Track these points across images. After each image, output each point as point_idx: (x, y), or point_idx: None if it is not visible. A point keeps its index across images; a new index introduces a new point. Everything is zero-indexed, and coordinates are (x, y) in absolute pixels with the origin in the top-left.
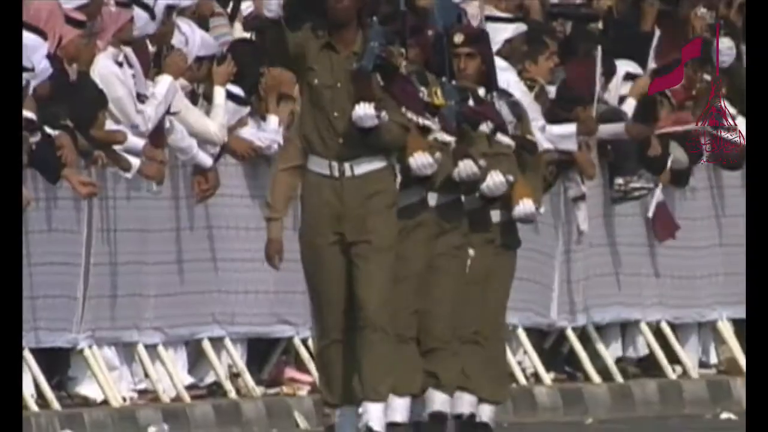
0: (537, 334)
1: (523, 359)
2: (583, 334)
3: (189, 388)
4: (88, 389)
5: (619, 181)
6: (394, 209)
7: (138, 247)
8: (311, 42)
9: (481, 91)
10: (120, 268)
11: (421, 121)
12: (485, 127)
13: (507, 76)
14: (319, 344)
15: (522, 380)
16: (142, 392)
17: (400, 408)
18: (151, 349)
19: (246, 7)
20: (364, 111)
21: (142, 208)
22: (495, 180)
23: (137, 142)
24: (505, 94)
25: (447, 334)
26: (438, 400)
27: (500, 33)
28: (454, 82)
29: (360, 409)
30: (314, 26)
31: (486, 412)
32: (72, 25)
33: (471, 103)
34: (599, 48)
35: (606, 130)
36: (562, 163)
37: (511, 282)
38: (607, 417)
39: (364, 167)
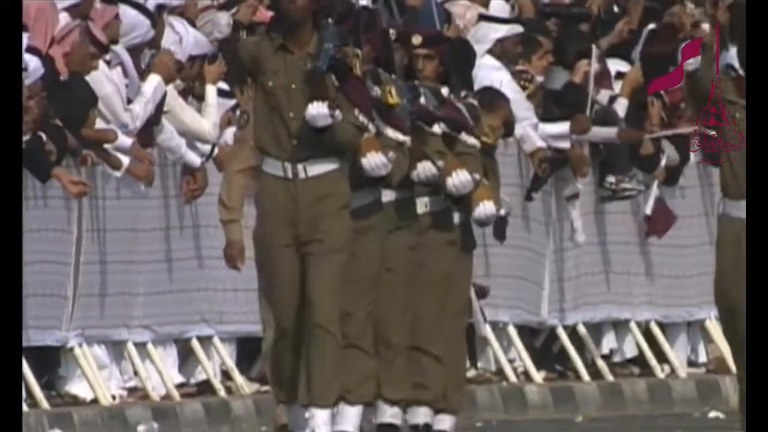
0: (527, 332)
1: (514, 357)
2: (573, 333)
3: (179, 386)
4: (77, 388)
5: (611, 179)
6: (347, 210)
7: (127, 246)
8: (266, 44)
9: (444, 91)
10: (110, 266)
11: (370, 126)
12: (438, 127)
13: (500, 76)
14: (268, 340)
15: (512, 378)
16: (131, 390)
17: (350, 417)
18: (140, 347)
19: (202, 23)
20: (318, 110)
21: (132, 207)
22: (461, 178)
23: (126, 140)
24: (464, 96)
25: (400, 338)
26: (389, 411)
27: (493, 32)
28: (416, 82)
29: (306, 414)
30: (269, 29)
31: (446, 422)
32: (95, 46)
33: (424, 102)
34: (594, 48)
35: (598, 133)
36: (555, 161)
37: (470, 284)
38: (597, 415)
39: (317, 169)
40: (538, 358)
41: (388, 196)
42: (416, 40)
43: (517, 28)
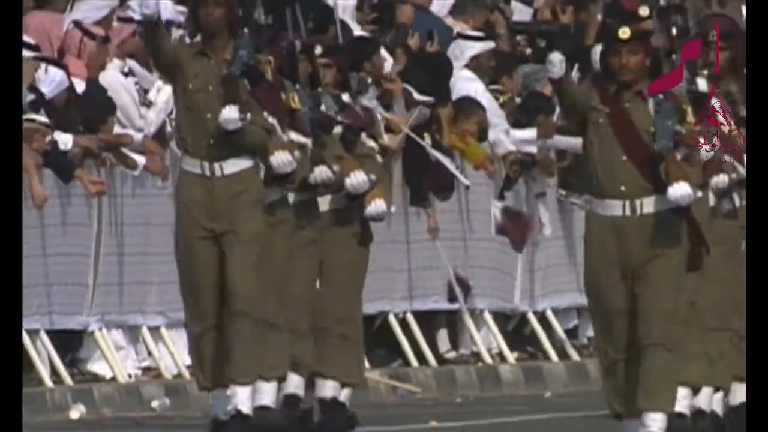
0: (501, 318)
1: (489, 340)
2: (543, 317)
3: (189, 366)
4: (97, 367)
5: (562, 192)
6: (260, 205)
7: (143, 240)
8: (185, 49)
9: (345, 97)
10: (126, 258)
11: (277, 127)
12: (338, 131)
13: (475, 86)
14: (193, 330)
15: (488, 359)
16: (146, 370)
17: (268, 392)
18: (154, 331)
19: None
20: (229, 114)
21: (147, 204)
22: (358, 179)
23: (139, 136)
24: (361, 101)
25: (306, 320)
26: (293, 383)
27: (468, 50)
28: (319, 89)
29: (229, 392)
30: (186, 35)
31: (344, 395)
32: (89, 38)
33: (325, 108)
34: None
35: (564, 141)
36: (525, 163)
37: (365, 274)
38: (563, 391)
39: (233, 167)
40: (511, 340)
41: (290, 197)
42: (318, 50)
43: (490, 44)
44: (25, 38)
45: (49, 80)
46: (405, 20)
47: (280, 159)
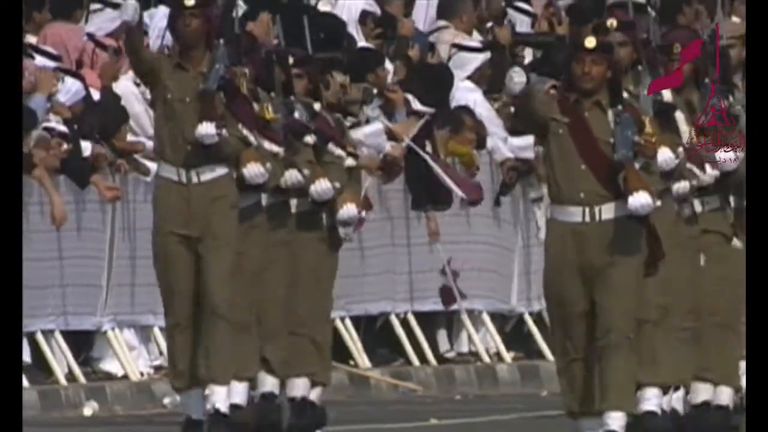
0: (499, 319)
1: (487, 340)
2: (539, 318)
3: None
4: (110, 366)
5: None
6: (234, 211)
7: None
8: (164, 61)
9: (316, 106)
10: (138, 261)
11: (251, 139)
12: (310, 139)
13: (474, 96)
14: (169, 331)
15: (486, 359)
16: (157, 368)
17: (240, 391)
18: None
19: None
20: (206, 130)
21: None
22: (323, 186)
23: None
24: (331, 111)
25: (278, 321)
26: (269, 382)
27: (472, 62)
28: (292, 98)
29: (207, 391)
30: (166, 45)
31: (315, 394)
32: (101, 48)
33: (297, 116)
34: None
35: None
36: (521, 169)
37: (335, 277)
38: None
39: (208, 174)
40: (508, 340)
41: (263, 200)
42: (291, 60)
43: (487, 55)
44: (47, 48)
45: (66, 90)
46: (406, 33)
47: (253, 171)
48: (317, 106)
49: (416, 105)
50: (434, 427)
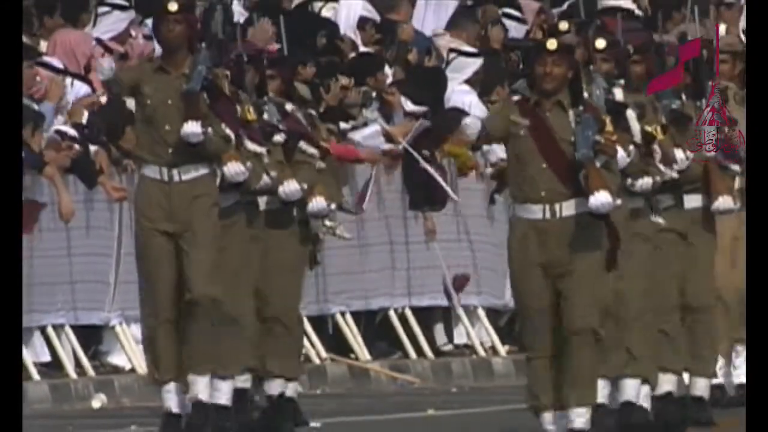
0: (493, 314)
1: (482, 335)
2: None
3: None
4: (118, 359)
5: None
6: (216, 208)
7: None
8: (145, 66)
9: (288, 106)
10: None
11: (234, 138)
12: (279, 138)
13: (470, 99)
14: (149, 325)
15: (481, 352)
16: None
17: (224, 390)
18: None
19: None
20: (191, 129)
21: None
22: (291, 187)
23: None
24: (304, 108)
25: (251, 316)
26: (240, 377)
27: (469, 66)
28: (265, 98)
29: (189, 380)
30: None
31: (291, 389)
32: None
33: (267, 117)
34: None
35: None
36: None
37: (304, 273)
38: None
39: (190, 173)
40: (502, 335)
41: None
42: (264, 61)
43: (481, 60)
44: (53, 62)
45: (74, 93)
46: (405, 38)
47: (233, 169)
48: (289, 106)
49: (409, 106)
50: (431, 418)
